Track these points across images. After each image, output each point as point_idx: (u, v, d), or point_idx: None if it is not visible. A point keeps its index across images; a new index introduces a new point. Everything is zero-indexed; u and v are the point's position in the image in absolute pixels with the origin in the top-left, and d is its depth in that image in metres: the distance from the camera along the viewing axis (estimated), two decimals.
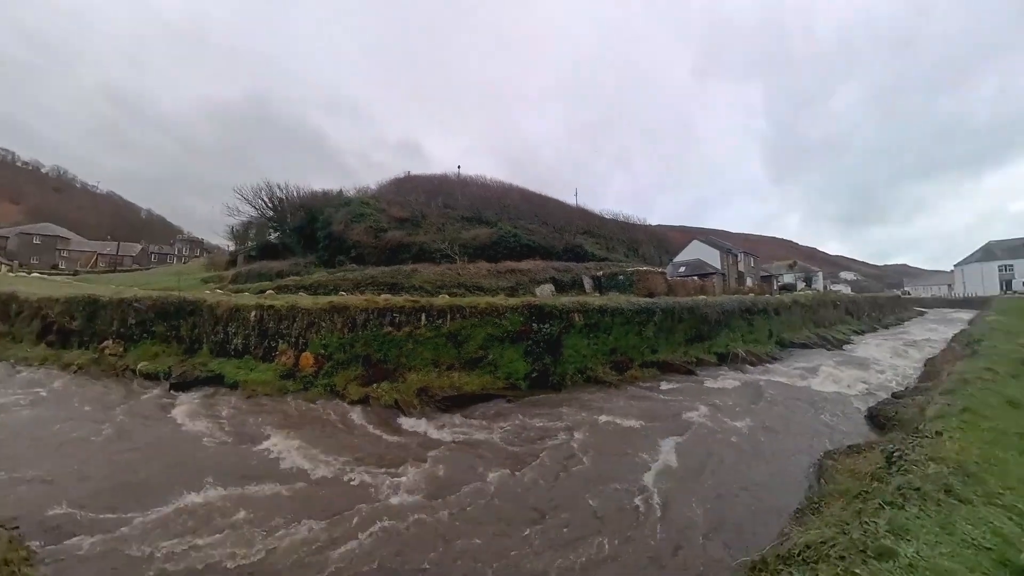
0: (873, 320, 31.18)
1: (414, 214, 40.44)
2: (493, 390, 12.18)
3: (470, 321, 13.23)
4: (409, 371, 12.87)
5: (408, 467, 7.24)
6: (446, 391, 12.01)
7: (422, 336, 13.43)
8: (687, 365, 14.29)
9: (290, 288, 25.30)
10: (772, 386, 12.54)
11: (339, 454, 7.69)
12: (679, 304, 15.84)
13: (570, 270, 29.76)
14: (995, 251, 63.38)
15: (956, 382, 5.58)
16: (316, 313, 14.31)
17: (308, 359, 13.51)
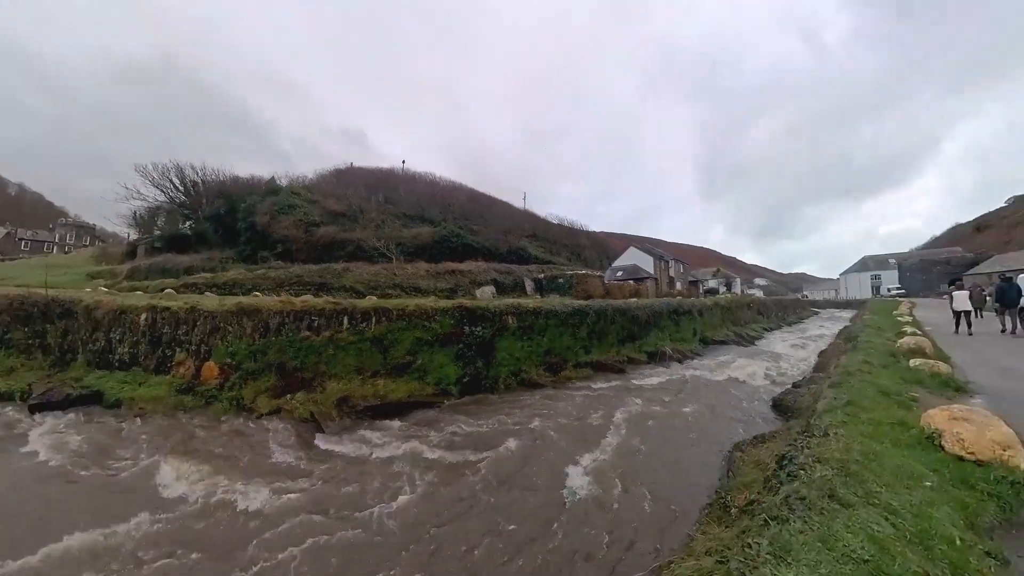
0: (779, 319, 34.91)
1: (352, 209, 37.96)
2: (421, 397, 11.47)
3: (397, 324, 12.37)
4: (329, 380, 11.73)
5: (314, 486, 6.37)
6: (369, 400, 11.09)
7: (344, 341, 12.33)
8: (619, 364, 14.65)
9: (198, 287, 22.25)
10: (694, 381, 13.24)
11: (238, 478, 6.57)
12: (612, 306, 16.26)
13: (512, 272, 29.69)
14: (868, 263, 75.31)
15: (841, 375, 6.03)
16: (222, 316, 12.55)
17: (212, 369, 11.77)
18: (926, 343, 8.73)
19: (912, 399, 4.84)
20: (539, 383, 12.69)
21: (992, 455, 2.91)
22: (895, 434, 3.37)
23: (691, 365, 15.97)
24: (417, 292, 22.97)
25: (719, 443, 7.37)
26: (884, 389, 5.03)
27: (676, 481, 6.20)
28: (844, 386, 5.14)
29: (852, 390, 4.87)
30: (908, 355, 8.13)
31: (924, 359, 6.95)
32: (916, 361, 6.71)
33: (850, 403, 4.16)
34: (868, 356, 7.65)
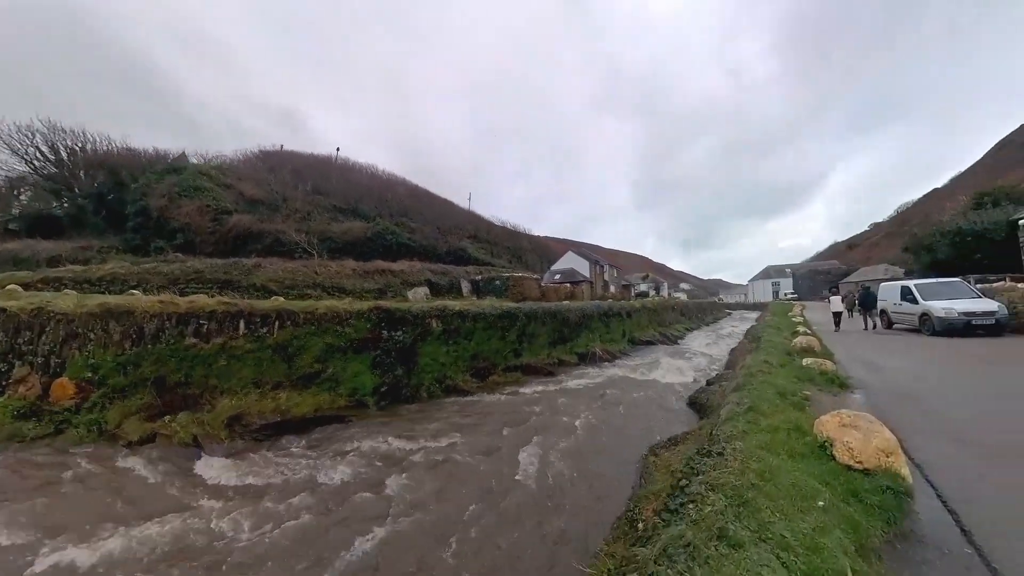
0: (699, 319, 37.84)
1: (274, 196, 34.20)
2: (332, 410, 10.20)
3: (305, 329, 10.93)
4: (221, 395, 9.98)
5: (178, 527, 5.06)
6: (268, 417, 9.60)
7: (240, 349, 10.62)
8: (548, 367, 14.46)
9: (63, 282, 18.22)
10: (621, 381, 13.42)
11: (79, 527, 5.02)
12: (543, 308, 16.09)
13: (448, 273, 28.67)
14: (770, 272, 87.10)
15: (745, 376, 6.14)
16: (81, 320, 10.18)
17: (65, 387, 9.42)
18: (815, 342, 9.57)
19: (805, 398, 5.00)
20: (465, 389, 11.98)
21: (877, 463, 2.85)
22: (791, 443, 3.26)
23: (619, 365, 16.32)
24: (341, 293, 21.02)
25: (638, 446, 7.25)
26: (781, 390, 5.13)
27: (594, 493, 5.87)
28: (747, 389, 5.17)
29: (753, 393, 4.88)
30: (801, 353, 8.78)
31: (814, 358, 7.51)
32: (808, 360, 7.19)
33: (751, 408, 4.08)
34: (768, 356, 8.08)
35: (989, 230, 16.34)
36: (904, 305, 14.50)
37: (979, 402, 5.35)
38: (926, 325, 13.12)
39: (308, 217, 33.66)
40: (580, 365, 15.89)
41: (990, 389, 6.05)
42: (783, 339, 11.98)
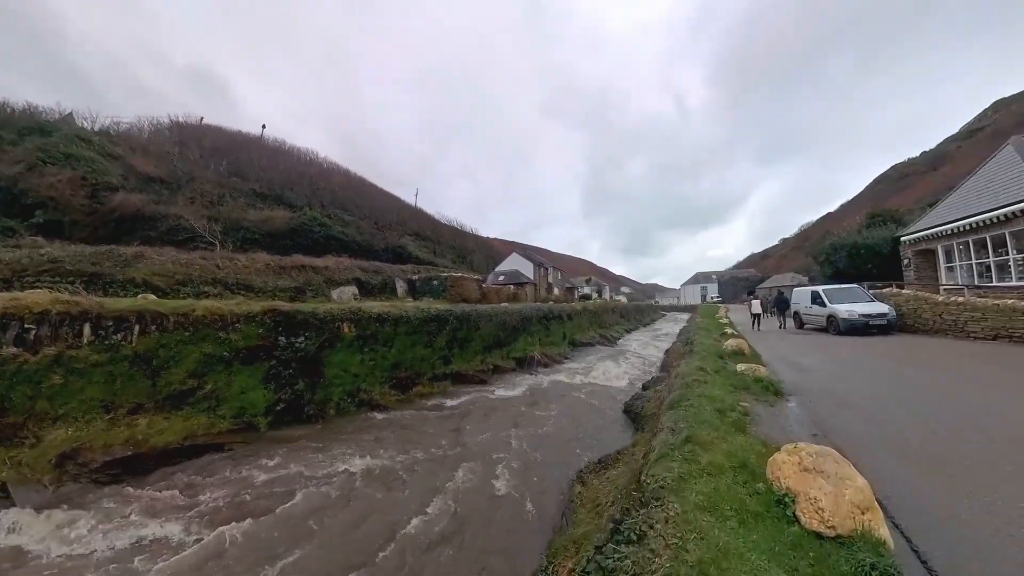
0: (637, 321, 39.13)
1: (177, 175, 29.30)
2: (208, 437, 8.19)
3: (176, 336, 8.72)
4: (54, 423, 7.57)
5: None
6: (117, 451, 7.46)
7: (83, 362, 8.17)
8: (481, 375, 13.33)
9: None
10: (557, 387, 12.69)
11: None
12: (477, 311, 14.96)
13: (382, 271, 26.41)
14: (699, 278, 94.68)
15: (681, 387, 5.52)
16: None
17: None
18: (744, 344, 9.50)
19: (744, 413, 4.41)
20: (382, 404, 10.45)
21: (853, 525, 2.11)
22: (740, 495, 2.47)
23: (558, 369, 15.70)
24: (248, 291, 18.14)
25: (566, 467, 6.40)
26: (720, 405, 4.49)
27: (508, 539, 4.85)
28: (683, 406, 4.48)
29: (691, 413, 4.18)
30: (732, 357, 8.59)
31: (747, 363, 7.24)
32: (742, 366, 6.86)
33: (688, 439, 3.30)
34: (703, 361, 7.69)
35: (878, 244, 18.43)
36: (814, 308, 15.56)
37: (908, 404, 5.18)
38: (832, 325, 14.09)
39: (219, 202, 29.30)
40: (517, 371, 15.00)
41: (910, 389, 6.02)
42: (714, 341, 12.02)
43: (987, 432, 4.10)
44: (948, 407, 4.99)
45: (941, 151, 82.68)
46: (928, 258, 16.67)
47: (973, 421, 4.45)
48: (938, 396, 5.52)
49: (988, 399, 5.29)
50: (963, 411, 4.81)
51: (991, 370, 7.25)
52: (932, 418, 4.59)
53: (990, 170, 15.30)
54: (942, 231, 15.24)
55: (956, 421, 4.46)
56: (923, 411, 4.87)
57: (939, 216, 16.05)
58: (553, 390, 12.20)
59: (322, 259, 24.97)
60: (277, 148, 45.35)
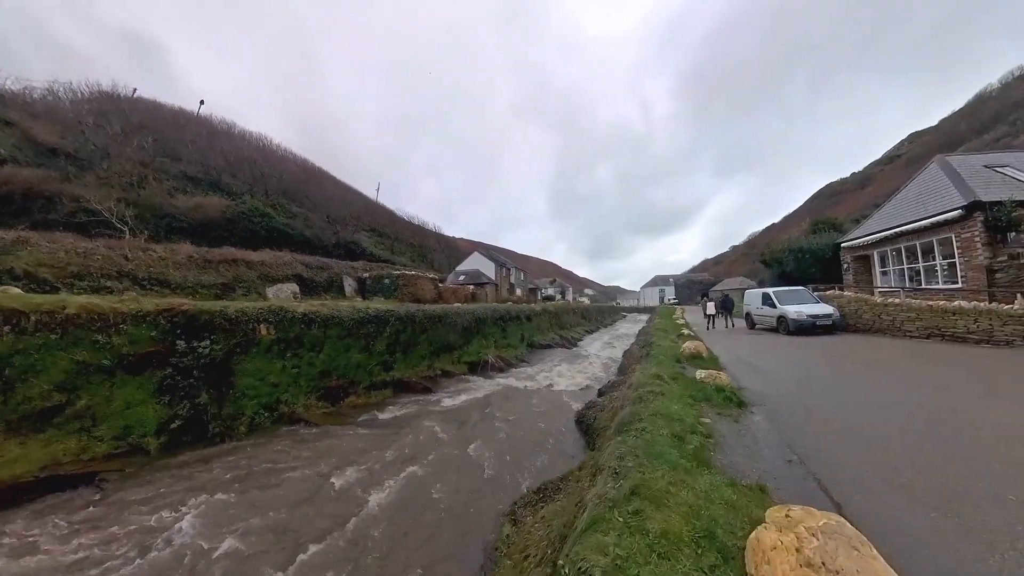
0: (598, 322, 39.20)
1: (86, 149, 25.35)
2: (77, 465, 6.45)
3: (37, 339, 6.81)
4: None
5: None
6: None
7: None
8: (426, 382, 12.04)
9: None
10: (509, 393, 11.70)
11: None
12: (424, 312, 13.68)
13: (328, 268, 24.32)
14: (658, 281, 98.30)
15: (633, 403, 4.68)
16: None
17: None
18: (702, 347, 9.00)
19: (707, 436, 3.63)
20: (305, 418, 8.97)
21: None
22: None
23: (513, 373, 14.74)
24: (164, 288, 15.72)
25: (500, 495, 5.42)
26: (678, 429, 3.66)
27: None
28: (633, 431, 3.61)
29: (642, 442, 3.30)
30: (690, 360, 8.01)
31: (706, 369, 6.61)
32: (701, 373, 6.20)
33: (635, 492, 2.38)
34: (659, 366, 7.00)
35: (822, 249, 19.24)
36: (765, 309, 15.73)
37: (882, 415, 4.66)
38: (782, 325, 14.22)
39: (140, 184, 25.72)
40: (469, 376, 13.86)
41: (878, 395, 5.57)
42: (671, 342, 11.57)
43: (986, 448, 3.55)
44: (929, 420, 4.49)
45: (867, 173, 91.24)
46: (864, 263, 17.45)
47: (957, 434, 3.94)
48: (912, 405, 5.06)
49: (959, 405, 4.89)
50: (946, 424, 4.31)
51: (946, 372, 7.09)
52: (913, 433, 4.04)
53: (918, 185, 16.21)
54: (877, 238, 15.93)
55: (946, 440, 3.91)
56: (902, 424, 4.33)
57: (874, 224, 16.83)
58: (504, 397, 11.19)
59: (259, 253, 22.50)
60: (221, 129, 41.14)
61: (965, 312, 10.11)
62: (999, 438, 3.79)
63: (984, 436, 3.88)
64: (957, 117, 78.83)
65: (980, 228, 12.08)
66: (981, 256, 12.05)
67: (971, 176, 14.06)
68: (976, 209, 12.17)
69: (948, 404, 5.02)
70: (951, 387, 5.92)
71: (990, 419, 4.34)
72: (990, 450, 3.53)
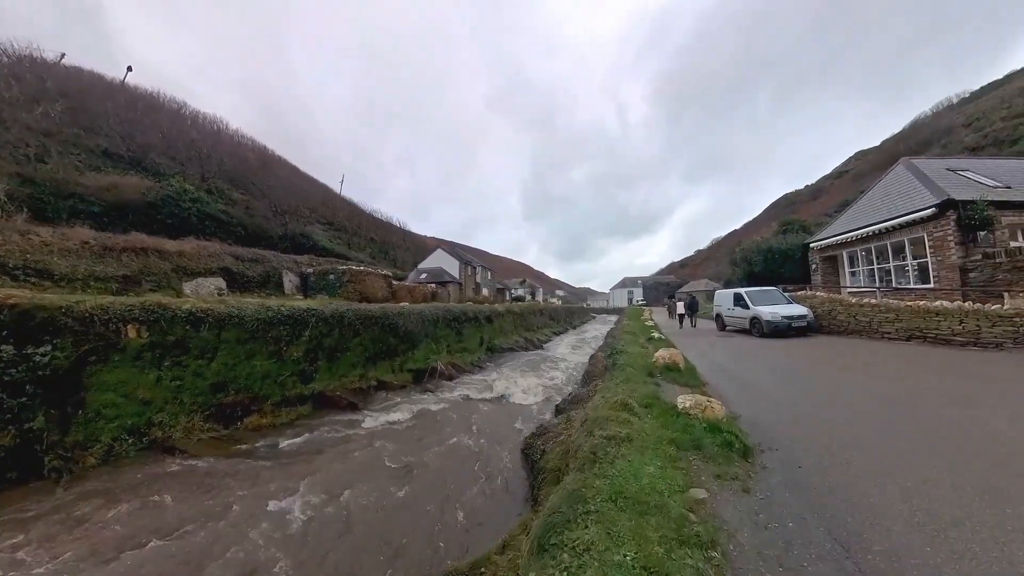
0: (567, 323, 37.96)
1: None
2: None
3: None
4: None
5: None
6: None
7: None
8: (354, 396, 9.93)
9: None
10: (455, 408, 9.82)
11: None
12: (357, 312, 11.54)
13: (265, 261, 21.45)
14: (627, 282, 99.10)
15: (583, 466, 3.06)
16: None
17: None
18: (677, 356, 7.46)
19: (709, 549, 1.98)
20: (179, 447, 6.71)
21: None
22: None
23: (466, 382, 12.86)
24: (44, 279, 12.71)
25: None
26: (654, 537, 1.96)
27: None
28: (566, 551, 1.89)
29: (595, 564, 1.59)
30: (665, 373, 6.48)
31: (690, 393, 4.97)
32: (685, 399, 4.47)
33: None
34: (627, 384, 5.41)
35: (791, 250, 18.77)
36: (736, 310, 14.75)
37: (950, 460, 3.23)
38: (756, 327, 13.20)
39: (41, 157, 21.77)
40: (413, 387, 11.85)
41: (918, 422, 4.19)
42: (641, 348, 10.12)
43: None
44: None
45: (819, 186, 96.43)
46: (832, 263, 16.95)
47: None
48: (982, 434, 3.67)
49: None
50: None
51: (961, 382, 5.89)
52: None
53: (884, 186, 15.80)
54: (846, 238, 15.36)
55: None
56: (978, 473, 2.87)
57: (843, 225, 16.30)
58: (445, 415, 9.29)
59: (178, 242, 19.35)
60: (162, 105, 36.59)
61: (949, 313, 9.25)
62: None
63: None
64: (896, 139, 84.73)
65: (953, 227, 11.47)
66: (954, 255, 11.42)
67: (938, 177, 13.63)
68: (949, 208, 11.55)
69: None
70: (979, 401, 4.66)
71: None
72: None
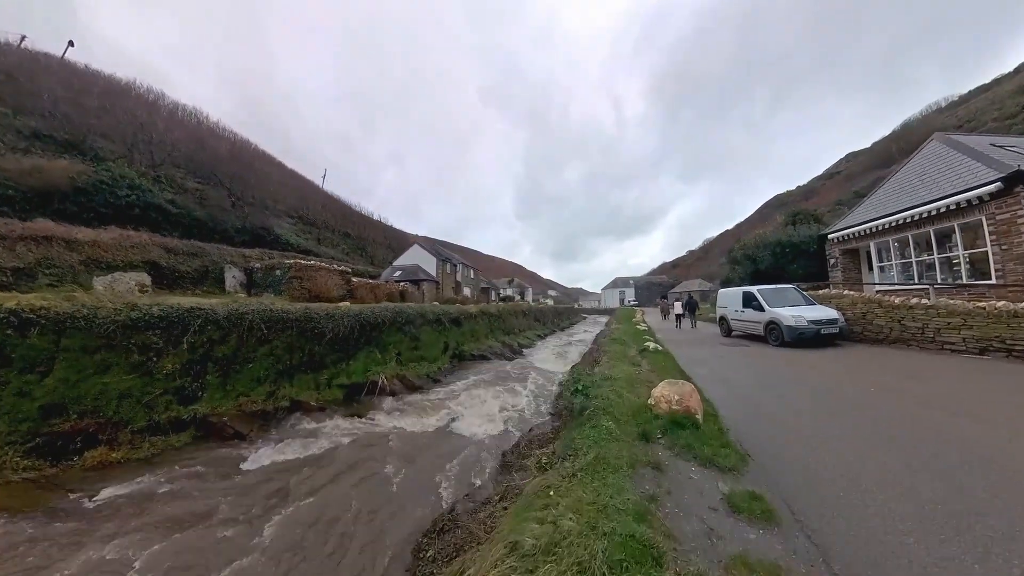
0: (554, 324, 35.29)
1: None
2: None
3: None
4: None
5: None
6: None
7: None
8: (236, 426, 7.14)
9: None
10: (377, 444, 7.11)
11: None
12: (264, 312, 8.68)
13: (204, 255, 18.52)
14: (618, 282, 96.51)
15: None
16: None
17: None
18: (691, 399, 4.59)
19: None
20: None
21: None
22: None
23: (411, 402, 10.11)
24: None
25: None
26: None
27: None
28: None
29: None
30: (671, 431, 3.80)
31: (731, 485, 2.40)
32: (725, 487, 1.92)
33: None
34: (599, 483, 2.73)
35: (805, 243, 16.26)
36: (747, 312, 12.19)
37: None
38: (773, 334, 10.63)
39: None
40: (340, 407, 9.10)
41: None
42: (630, 370, 7.47)
43: None
44: None
45: (811, 187, 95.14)
46: (854, 258, 14.49)
47: None
48: None
49: None
50: None
51: None
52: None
53: (918, 165, 13.36)
54: (875, 227, 12.87)
55: None
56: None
57: (869, 211, 13.82)
58: (357, 455, 6.55)
59: (95, 231, 16.36)
60: (119, 88, 33.29)
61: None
62: None
63: None
64: (887, 141, 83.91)
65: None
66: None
67: (990, 151, 11.17)
68: (1020, 182, 9.04)
69: None
70: None
71: None
72: None
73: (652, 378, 6.77)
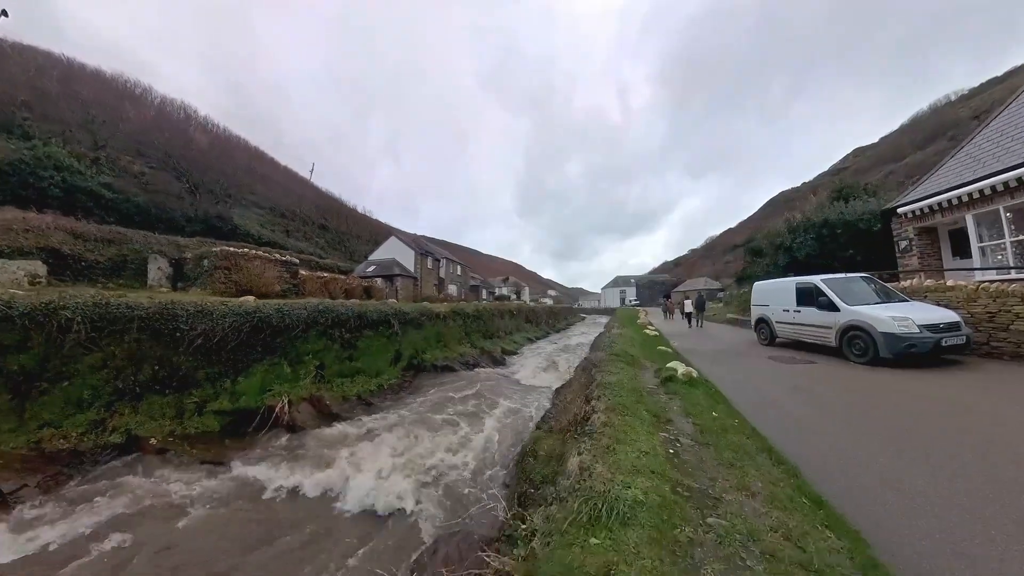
0: (549, 326, 31.85)
1: None
2: None
3: None
4: None
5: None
6: None
7: None
8: (32, 475, 3.87)
9: None
10: (185, 533, 3.85)
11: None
12: (83, 307, 5.36)
13: (122, 242, 15.21)
14: (619, 282, 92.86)
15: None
16: None
17: None
18: None
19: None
20: None
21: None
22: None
23: (312, 438, 6.77)
24: None
25: None
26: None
27: None
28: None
29: None
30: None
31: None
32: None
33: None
34: None
35: (862, 221, 12.63)
36: (805, 313, 8.73)
37: None
38: (855, 345, 7.19)
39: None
40: (213, 444, 5.78)
41: None
42: (662, 464, 4.08)
43: None
44: None
45: (816, 183, 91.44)
46: (933, 238, 11.01)
47: None
48: None
49: None
50: None
51: None
52: None
53: (1016, 110, 9.89)
54: (976, 191, 9.26)
55: None
56: None
57: (963, 171, 10.23)
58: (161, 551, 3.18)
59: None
60: (72, 70, 30.08)
61: None
62: None
63: None
64: (896, 135, 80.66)
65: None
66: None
67: None
68: None
69: None
70: None
71: None
72: None
73: (723, 478, 3.20)
